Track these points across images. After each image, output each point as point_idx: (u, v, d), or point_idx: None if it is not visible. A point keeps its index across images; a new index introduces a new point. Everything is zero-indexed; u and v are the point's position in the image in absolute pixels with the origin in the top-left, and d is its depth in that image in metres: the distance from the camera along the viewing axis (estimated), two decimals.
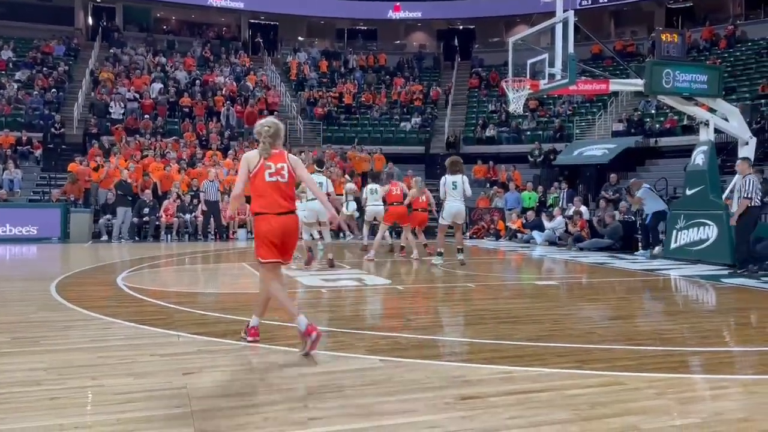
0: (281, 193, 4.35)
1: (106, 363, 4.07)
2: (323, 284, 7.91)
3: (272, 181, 4.34)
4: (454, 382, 3.64)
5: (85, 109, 22.95)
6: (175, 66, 26.77)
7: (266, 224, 4.34)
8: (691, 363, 4.30)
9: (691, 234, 10.95)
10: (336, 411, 3.15)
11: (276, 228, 4.33)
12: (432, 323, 5.74)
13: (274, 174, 4.34)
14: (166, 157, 18.87)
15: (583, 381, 3.66)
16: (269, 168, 4.36)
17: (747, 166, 9.57)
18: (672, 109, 18.30)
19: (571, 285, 8.82)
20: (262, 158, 4.40)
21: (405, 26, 35.02)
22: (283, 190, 4.36)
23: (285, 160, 4.41)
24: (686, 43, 14.18)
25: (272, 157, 4.40)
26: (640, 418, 3.04)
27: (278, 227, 4.32)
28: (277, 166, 4.38)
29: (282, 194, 4.35)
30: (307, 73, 28.78)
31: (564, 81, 10.47)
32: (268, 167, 4.36)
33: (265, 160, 4.39)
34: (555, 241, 15.23)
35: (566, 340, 4.76)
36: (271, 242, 4.34)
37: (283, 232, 4.35)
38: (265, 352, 4.34)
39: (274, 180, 4.34)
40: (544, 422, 3.00)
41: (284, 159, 4.42)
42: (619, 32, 31.64)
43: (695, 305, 7.23)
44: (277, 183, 4.34)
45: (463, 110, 27.84)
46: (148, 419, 3.01)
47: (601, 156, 19.34)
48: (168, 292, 7.20)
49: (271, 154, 4.42)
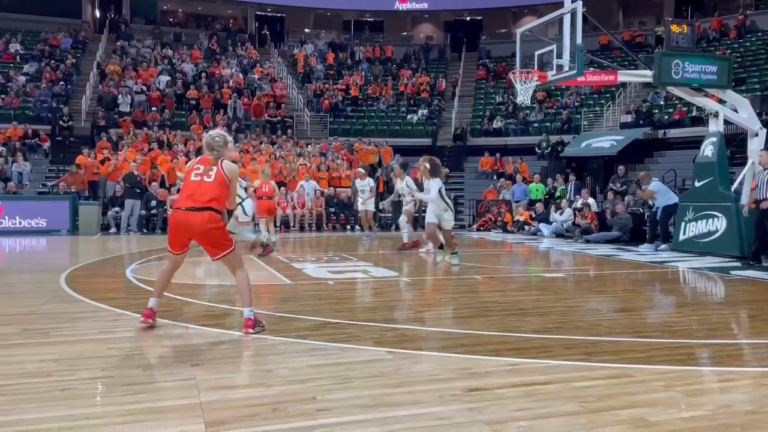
0: (197, 191, 4.60)
1: (115, 354, 4.10)
2: (330, 276, 7.93)
3: (195, 180, 4.65)
4: (461, 374, 3.64)
5: (92, 102, 23.04)
6: (182, 58, 26.81)
7: (172, 217, 4.74)
8: (699, 355, 4.29)
9: (700, 226, 10.89)
10: (344, 402, 3.16)
11: (175, 221, 4.69)
12: (439, 315, 5.75)
13: (199, 174, 4.64)
14: (174, 149, 18.93)
15: (591, 373, 3.66)
16: (197, 169, 4.68)
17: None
18: (681, 101, 18.19)
19: (579, 277, 8.80)
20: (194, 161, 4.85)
21: (412, 18, 34.89)
22: (201, 189, 4.61)
23: (218, 166, 4.67)
24: (696, 33, 14.03)
25: (205, 161, 4.71)
26: (647, 411, 3.04)
27: (180, 220, 4.63)
28: (207, 168, 4.67)
29: (197, 193, 4.59)
30: (314, 65, 28.75)
31: (572, 72, 10.41)
32: (197, 168, 4.69)
33: (197, 161, 4.77)
34: (562, 233, 15.19)
35: (573, 332, 4.75)
36: (171, 233, 4.74)
37: (176, 225, 4.67)
38: (273, 343, 4.36)
39: (197, 179, 4.64)
40: (551, 414, 3.00)
41: (218, 165, 4.68)
42: (628, 23, 31.42)
43: (703, 297, 7.20)
44: (200, 182, 4.63)
45: (470, 102, 27.76)
46: (158, 410, 3.04)
47: (609, 148, 19.25)
48: (176, 284, 7.22)
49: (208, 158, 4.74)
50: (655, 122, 21.04)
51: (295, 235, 16.08)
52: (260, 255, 10.14)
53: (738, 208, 10.37)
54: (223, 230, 4.69)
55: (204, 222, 4.55)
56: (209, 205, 4.57)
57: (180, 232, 4.66)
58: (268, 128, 23.20)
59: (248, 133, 22.16)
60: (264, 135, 22.21)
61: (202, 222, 4.55)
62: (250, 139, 21.36)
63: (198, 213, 4.55)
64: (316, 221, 17.53)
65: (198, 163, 4.72)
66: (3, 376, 3.58)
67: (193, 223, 4.57)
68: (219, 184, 4.62)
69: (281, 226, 16.94)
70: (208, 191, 4.58)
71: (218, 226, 4.63)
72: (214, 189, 4.60)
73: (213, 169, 4.64)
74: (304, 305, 5.87)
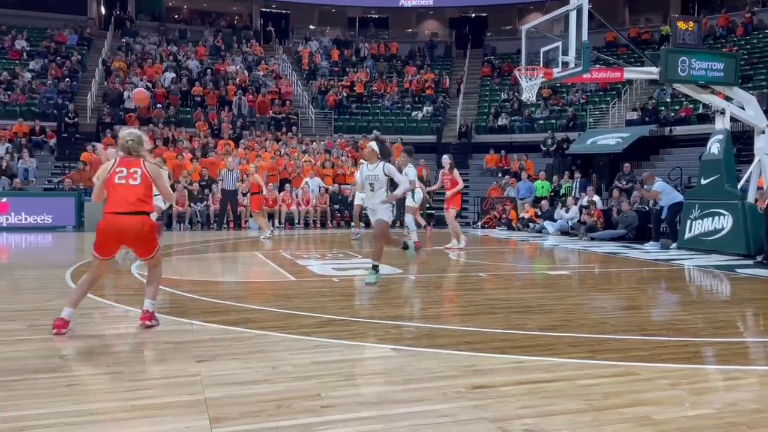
0: (124, 194, 4.57)
1: (120, 350, 4.12)
2: (335, 273, 7.94)
3: (120, 183, 4.59)
4: (465, 372, 3.64)
5: (98, 99, 23.09)
6: (187, 55, 26.83)
7: (103, 222, 4.60)
8: (704, 354, 4.28)
9: (706, 224, 10.85)
10: (348, 399, 3.16)
11: (106, 226, 4.58)
12: (444, 312, 5.74)
13: (123, 177, 4.60)
14: (179, 145, 18.96)
15: (596, 371, 3.65)
16: (120, 172, 4.62)
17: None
18: (687, 98, 18.10)
19: (584, 275, 8.78)
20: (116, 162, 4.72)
21: (417, 14, 34.82)
22: (129, 192, 4.57)
23: (142, 167, 4.64)
24: (702, 30, 13.95)
25: (126, 163, 4.65)
26: (653, 409, 3.03)
27: (112, 225, 4.56)
28: (130, 170, 4.61)
29: (124, 196, 4.56)
30: (319, 61, 28.73)
31: (578, 69, 10.37)
32: (120, 171, 4.62)
33: (117, 165, 4.67)
34: (567, 231, 15.16)
35: (578, 330, 4.74)
36: (102, 238, 4.60)
37: (108, 229, 4.57)
38: (277, 339, 4.36)
39: (122, 182, 4.59)
40: (556, 412, 2.99)
41: (141, 166, 4.65)
42: (634, 19, 31.27)
43: (709, 295, 7.17)
44: (125, 185, 4.58)
45: (475, 99, 27.70)
46: (163, 406, 3.04)
47: (614, 145, 19.18)
48: (181, 280, 7.25)
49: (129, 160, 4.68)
50: (661, 119, 20.96)
51: (300, 232, 16.10)
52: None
53: (744, 205, 10.32)
54: (153, 232, 4.71)
55: (138, 226, 4.55)
56: (140, 209, 4.57)
57: (112, 236, 4.57)
58: (272, 125, 23.20)
59: (253, 130, 22.18)
60: (269, 132, 22.22)
61: (136, 226, 4.55)
62: (255, 136, 21.37)
63: (131, 217, 4.53)
64: (320, 218, 17.53)
65: (119, 166, 4.63)
66: (9, 371, 3.60)
67: (126, 228, 4.53)
68: (146, 186, 4.61)
69: (286, 222, 16.97)
70: (136, 194, 4.56)
71: (151, 229, 4.66)
72: (141, 191, 4.58)
73: (137, 171, 4.61)
74: (308, 302, 5.88)
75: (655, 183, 12.51)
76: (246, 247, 12.25)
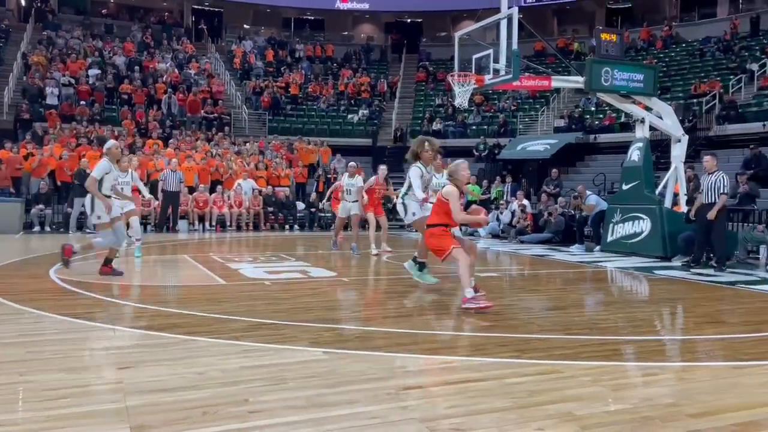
0: None
1: (36, 358, 3.90)
2: (267, 276, 7.82)
3: None
4: (396, 373, 3.66)
5: (16, 94, 21.88)
6: (114, 51, 25.83)
7: None
8: (624, 351, 4.47)
9: (627, 227, 11.36)
10: (277, 404, 3.12)
11: None
12: (375, 315, 5.76)
13: None
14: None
15: (522, 369, 3.75)
16: None
17: (715, 164, 9.35)
18: (610, 107, 18.89)
19: (513, 276, 9.01)
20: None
21: (353, 17, 34.88)
22: None
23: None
24: (625, 42, 14.62)
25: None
26: (575, 405, 3.13)
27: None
28: None
29: None
30: (253, 61, 28.29)
31: (508, 76, 10.65)
32: None
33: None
34: (498, 233, 15.53)
35: (507, 330, 4.86)
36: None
37: None
38: (205, 345, 4.25)
39: None
40: (483, 410, 3.05)
41: None
42: (562, 30, 32.43)
43: (629, 296, 7.51)
44: None
45: (411, 103, 27.99)
46: (81, 415, 2.91)
47: (543, 151, 19.83)
48: (104, 284, 6.96)
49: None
50: (587, 127, 21.81)
51: (232, 235, 15.77)
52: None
53: (662, 210, 10.86)
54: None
55: None
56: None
57: None
58: (204, 125, 22.65)
59: (183, 129, 21.57)
60: (200, 132, 21.67)
61: None
62: (185, 135, 20.80)
63: None
64: (253, 221, 17.25)
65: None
66: None
67: None
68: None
69: (217, 225, 16.59)
70: None
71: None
72: None
73: None
74: (238, 306, 5.76)
75: (588, 196, 13.08)
76: (176, 250, 11.89)
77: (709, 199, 9.14)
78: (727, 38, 24.55)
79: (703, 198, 9.31)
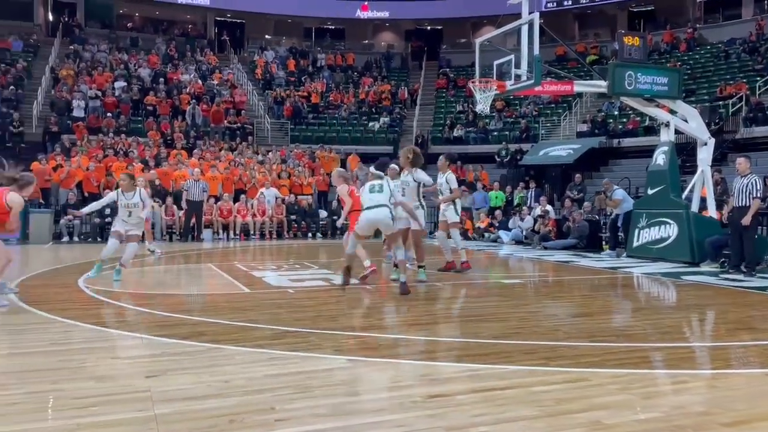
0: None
1: (66, 366, 3.96)
2: (291, 284, 7.86)
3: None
4: (421, 381, 3.65)
5: (45, 107, 22.36)
6: (139, 63, 26.28)
7: None
8: (653, 358, 4.39)
9: (653, 232, 11.19)
10: (303, 412, 3.12)
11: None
12: (399, 322, 5.74)
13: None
14: (130, 156, 18.51)
15: (549, 378, 3.70)
16: None
17: (748, 166, 9.06)
18: (634, 111, 18.70)
19: (537, 283, 8.93)
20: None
21: (373, 26, 35.04)
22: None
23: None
24: (648, 45, 14.47)
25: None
26: (604, 413, 3.09)
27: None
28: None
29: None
30: (275, 71, 28.56)
31: (529, 82, 10.59)
32: None
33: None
34: (521, 240, 15.42)
35: (532, 338, 4.81)
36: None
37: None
38: (230, 353, 4.28)
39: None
40: (511, 419, 3.02)
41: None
42: (583, 34, 32.19)
43: (656, 302, 7.39)
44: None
45: (431, 110, 27.99)
46: (110, 424, 2.94)
47: (566, 156, 19.66)
48: (131, 294, 7.05)
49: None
50: (610, 131, 21.59)
51: (256, 243, 15.89)
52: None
53: (689, 214, 10.69)
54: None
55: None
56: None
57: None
58: (227, 135, 22.90)
59: (207, 140, 21.84)
60: (223, 142, 21.92)
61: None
62: (209, 146, 21.04)
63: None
64: (276, 229, 17.36)
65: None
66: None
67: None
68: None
69: (241, 233, 16.73)
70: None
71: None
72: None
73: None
74: (263, 314, 5.80)
75: (615, 191, 12.85)
76: (200, 259, 12.01)
77: (740, 202, 8.93)
78: (753, 39, 24.15)
79: (734, 201, 9.10)
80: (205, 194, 16.21)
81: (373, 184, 7.39)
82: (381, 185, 7.35)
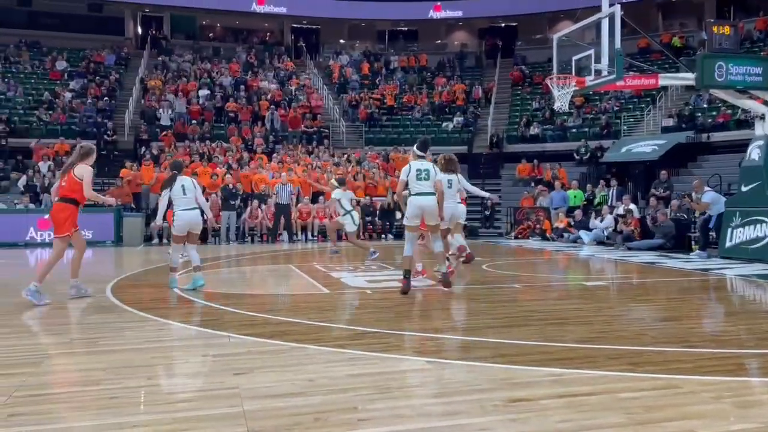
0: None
1: (160, 363, 4.19)
2: (368, 285, 7.95)
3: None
4: (502, 385, 3.61)
5: (135, 116, 23.66)
6: (221, 72, 27.34)
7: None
8: (749, 366, 4.15)
9: (748, 232, 10.57)
10: (385, 412, 3.16)
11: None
12: (478, 324, 5.70)
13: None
14: (214, 161, 19.29)
15: (636, 384, 3.58)
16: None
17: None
18: (725, 103, 17.71)
19: (622, 285, 8.62)
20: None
21: (446, 26, 34.86)
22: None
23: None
24: (739, 34, 13.66)
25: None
26: (697, 423, 2.95)
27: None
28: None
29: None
30: (349, 75, 28.98)
31: (611, 77, 10.26)
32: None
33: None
34: (603, 240, 14.92)
35: (617, 342, 4.66)
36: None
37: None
38: (313, 352, 4.39)
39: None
40: (597, 426, 2.94)
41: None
42: (667, 24, 30.76)
43: (752, 305, 6.97)
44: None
45: (506, 109, 27.54)
46: (202, 419, 3.09)
47: (650, 152, 18.85)
48: (218, 294, 7.35)
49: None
50: (698, 126, 20.52)
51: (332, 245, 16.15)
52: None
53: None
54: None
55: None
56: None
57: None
58: (304, 139, 23.45)
59: (285, 144, 22.45)
60: (301, 146, 22.45)
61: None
62: (287, 150, 21.62)
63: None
64: None
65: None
66: (53, 384, 3.69)
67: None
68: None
69: (318, 235, 17.08)
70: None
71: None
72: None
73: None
74: (342, 314, 5.91)
75: (705, 193, 12.23)
76: (281, 260, 12.36)
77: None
78: None
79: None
80: (293, 198, 16.81)
81: (419, 170, 7.18)
82: (427, 171, 7.18)
